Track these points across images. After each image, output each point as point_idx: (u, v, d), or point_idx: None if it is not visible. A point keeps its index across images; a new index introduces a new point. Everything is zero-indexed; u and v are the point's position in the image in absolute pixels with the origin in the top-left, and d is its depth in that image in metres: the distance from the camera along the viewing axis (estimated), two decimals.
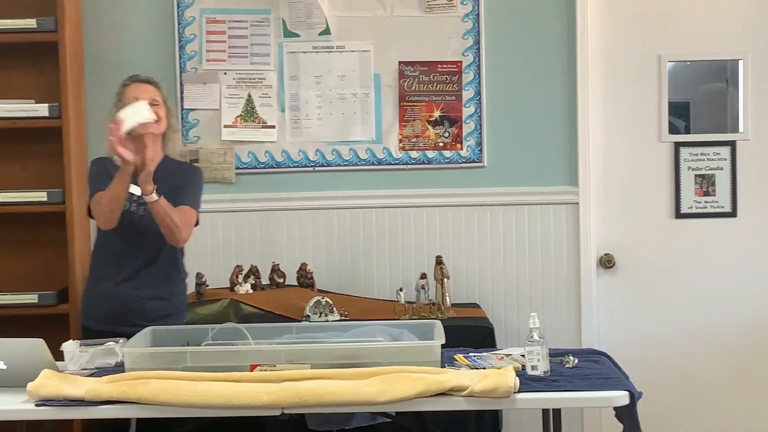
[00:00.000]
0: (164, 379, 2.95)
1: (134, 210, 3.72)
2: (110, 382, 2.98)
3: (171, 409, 2.90)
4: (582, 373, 3.12)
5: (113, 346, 3.32)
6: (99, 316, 3.76)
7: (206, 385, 2.92)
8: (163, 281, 3.82)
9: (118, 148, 3.49)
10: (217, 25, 4.66)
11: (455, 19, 4.63)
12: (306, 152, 4.69)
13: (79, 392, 2.94)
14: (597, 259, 4.69)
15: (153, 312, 3.76)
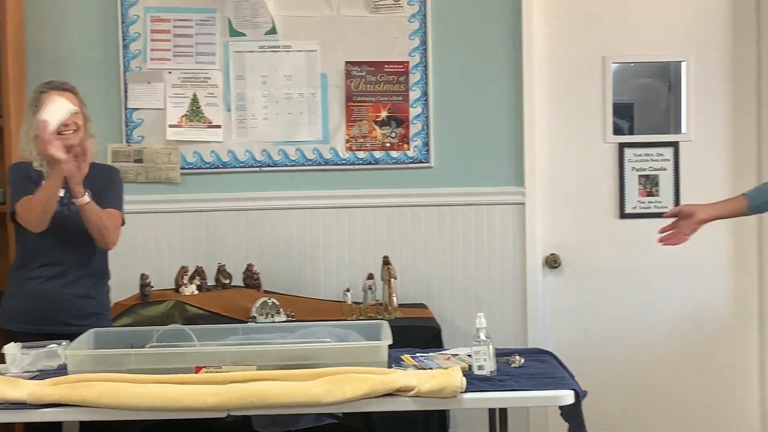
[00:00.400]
0: (108, 382, 2.91)
1: (60, 210, 3.67)
2: (53, 384, 2.94)
3: (115, 412, 2.87)
4: (528, 373, 3.14)
5: (56, 348, 3.28)
6: (24, 317, 3.69)
7: (151, 387, 2.89)
8: (91, 280, 3.79)
9: (49, 148, 3.46)
10: (161, 24, 4.62)
11: (402, 19, 4.63)
12: (252, 152, 4.66)
13: (21, 395, 2.89)
14: (543, 259, 4.72)
15: (82, 310, 3.72)
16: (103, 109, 4.54)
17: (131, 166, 4.59)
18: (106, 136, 4.53)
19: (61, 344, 3.30)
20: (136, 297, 4.30)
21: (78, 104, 3.72)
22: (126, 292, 4.33)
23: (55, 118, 3.51)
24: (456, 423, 4.51)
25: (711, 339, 4.77)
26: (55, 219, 3.63)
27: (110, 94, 4.60)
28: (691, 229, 3.74)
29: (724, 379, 4.79)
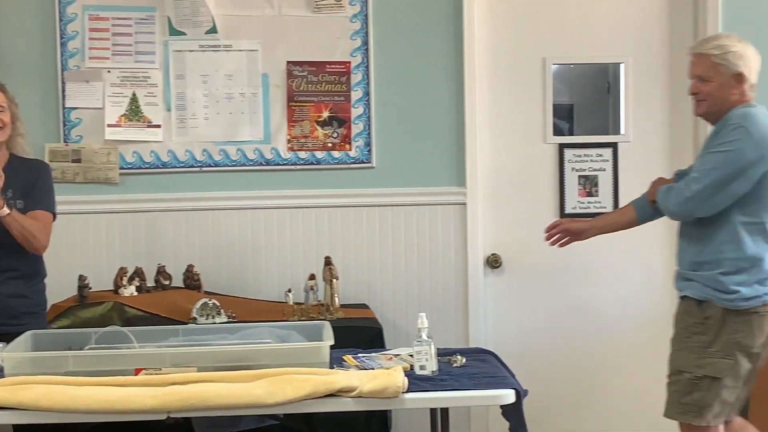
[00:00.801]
0: (46, 385, 2.88)
1: None
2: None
3: (53, 415, 2.84)
4: (469, 372, 3.16)
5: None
6: None
7: (89, 389, 2.86)
8: (23, 280, 3.73)
9: None
10: (100, 23, 4.56)
11: (344, 19, 4.63)
12: (193, 152, 4.63)
13: None
14: (484, 259, 4.75)
15: (14, 310, 3.66)
16: (41, 108, 4.48)
17: (69, 166, 4.53)
18: (43, 135, 4.48)
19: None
20: (74, 298, 4.25)
21: (6, 102, 3.67)
22: (64, 294, 4.28)
23: None
24: (397, 423, 4.52)
25: (649, 339, 4.82)
26: None
27: (48, 93, 4.54)
28: (572, 242, 3.83)
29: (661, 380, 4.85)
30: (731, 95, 3.46)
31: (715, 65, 3.46)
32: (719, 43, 3.48)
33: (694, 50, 3.56)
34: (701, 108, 3.54)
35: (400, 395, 2.91)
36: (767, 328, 3.44)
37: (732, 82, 3.45)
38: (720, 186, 3.36)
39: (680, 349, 3.52)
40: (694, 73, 3.53)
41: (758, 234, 3.42)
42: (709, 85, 3.48)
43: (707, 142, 3.55)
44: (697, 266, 3.49)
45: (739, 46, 3.47)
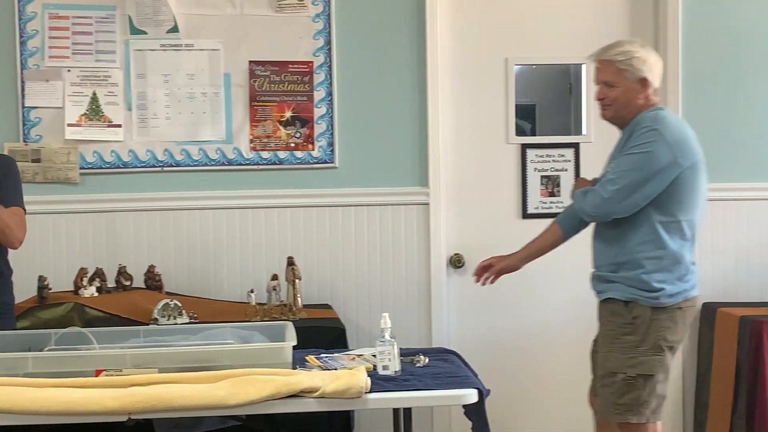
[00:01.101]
0: (5, 386, 2.85)
1: None
2: None
3: (12, 417, 2.82)
4: (432, 372, 3.16)
5: None
6: None
7: (49, 391, 2.83)
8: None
9: None
10: (60, 21, 4.52)
11: (306, 19, 4.62)
12: (154, 152, 4.60)
13: None
14: (447, 259, 4.76)
15: None
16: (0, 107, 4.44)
17: (29, 166, 4.49)
18: (2, 134, 4.45)
19: None
20: (33, 299, 4.21)
21: None
22: (23, 295, 4.23)
23: None
24: (360, 423, 4.52)
25: None
26: None
27: (7, 92, 4.49)
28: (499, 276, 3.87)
29: None
30: (637, 99, 3.54)
31: (620, 71, 3.54)
32: (623, 49, 3.55)
33: (598, 57, 3.63)
34: (608, 112, 3.62)
35: (363, 395, 2.91)
36: (688, 322, 3.57)
37: (637, 86, 3.54)
38: (636, 187, 3.43)
39: (611, 351, 3.55)
40: (600, 79, 3.61)
41: (675, 232, 3.49)
42: (615, 90, 3.56)
43: (619, 145, 3.61)
44: (617, 267, 3.55)
45: (642, 52, 3.56)
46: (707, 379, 4.62)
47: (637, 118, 3.54)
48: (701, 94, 4.78)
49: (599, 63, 3.61)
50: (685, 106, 4.75)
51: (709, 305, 4.72)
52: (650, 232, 3.48)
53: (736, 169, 4.81)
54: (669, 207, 3.48)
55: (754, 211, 4.83)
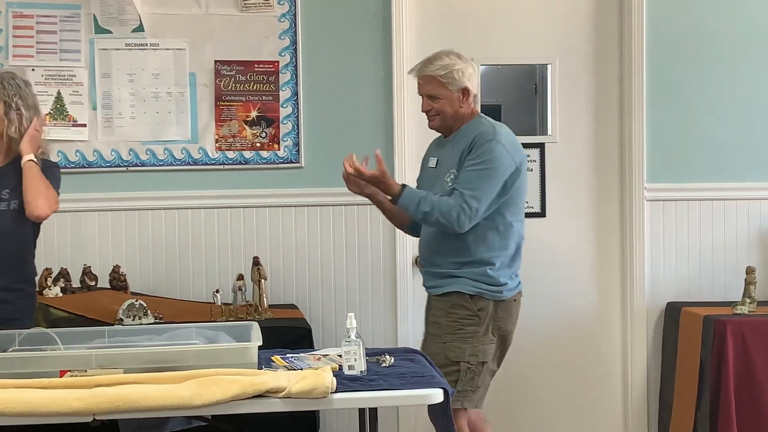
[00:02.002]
0: None
1: None
2: None
3: None
4: (398, 372, 3.16)
5: None
6: None
7: (12, 392, 2.81)
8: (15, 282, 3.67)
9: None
10: (24, 20, 4.50)
11: (272, 18, 4.62)
12: (119, 152, 4.58)
13: None
14: (413, 259, 4.76)
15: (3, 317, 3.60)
16: None
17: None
18: None
19: None
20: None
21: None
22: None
23: None
24: (326, 423, 4.52)
25: (576, 336, 4.90)
26: None
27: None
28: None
29: (590, 374, 4.93)
30: (460, 108, 3.81)
31: (442, 84, 3.78)
32: (443, 63, 3.78)
33: (420, 73, 3.83)
34: (435, 122, 3.87)
35: (329, 395, 2.91)
36: (518, 313, 3.91)
37: (459, 96, 3.79)
38: (492, 198, 3.69)
39: (452, 341, 3.75)
40: (425, 93, 3.83)
41: (513, 232, 3.79)
42: (439, 102, 3.80)
43: (456, 154, 3.75)
44: (461, 264, 3.76)
45: (460, 63, 3.80)
46: (671, 379, 4.66)
47: (470, 127, 3.79)
48: (664, 95, 4.82)
49: (421, 78, 3.83)
50: (649, 107, 4.80)
51: (673, 305, 4.77)
52: (494, 234, 3.75)
53: (700, 170, 4.86)
54: (508, 209, 3.75)
55: (717, 211, 4.88)
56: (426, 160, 4.03)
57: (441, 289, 3.81)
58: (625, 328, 4.90)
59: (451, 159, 3.80)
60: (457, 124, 3.83)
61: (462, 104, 3.80)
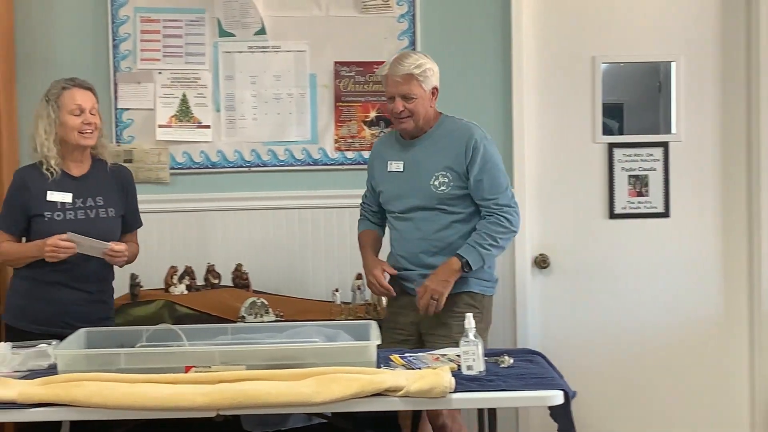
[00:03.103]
0: (98, 381, 2.92)
1: (71, 218, 3.71)
2: (43, 384, 2.94)
3: (105, 412, 2.88)
4: (517, 373, 3.15)
5: (45, 348, 3.28)
6: (36, 318, 3.69)
7: (141, 387, 2.89)
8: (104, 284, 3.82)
9: (61, 256, 3.59)
10: (151, 24, 4.61)
11: (391, 19, 4.63)
12: (241, 152, 4.66)
13: (11, 395, 2.89)
14: (532, 260, 4.73)
15: (92, 315, 3.75)
16: None
17: None
18: None
19: (51, 344, 3.30)
20: (126, 297, 4.30)
21: (96, 103, 3.75)
22: (116, 292, 4.31)
23: (85, 250, 3.63)
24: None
25: (700, 340, 4.79)
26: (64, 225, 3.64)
27: (100, 95, 4.52)
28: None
29: (713, 381, 4.81)
30: (430, 108, 3.79)
31: (419, 82, 3.74)
32: (417, 62, 3.75)
33: (397, 71, 3.75)
34: (408, 124, 3.78)
35: (447, 395, 2.91)
36: None
37: (430, 96, 3.78)
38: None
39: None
40: (399, 93, 3.74)
41: None
42: (413, 102, 3.74)
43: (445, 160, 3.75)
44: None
45: (429, 63, 3.80)
46: None
47: (448, 128, 3.80)
48: None
49: (398, 77, 3.74)
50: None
51: None
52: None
53: None
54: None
55: None
56: (381, 164, 3.92)
57: (455, 288, 3.74)
58: (752, 333, 4.76)
59: (434, 162, 3.76)
60: (425, 125, 3.80)
61: (431, 104, 3.79)
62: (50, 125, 3.68)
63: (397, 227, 3.87)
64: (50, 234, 3.61)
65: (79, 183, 3.75)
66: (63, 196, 3.69)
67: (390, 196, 3.88)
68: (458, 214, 3.77)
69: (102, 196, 3.77)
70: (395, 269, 3.86)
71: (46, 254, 3.59)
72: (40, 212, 3.68)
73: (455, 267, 3.68)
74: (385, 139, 4.03)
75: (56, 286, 3.69)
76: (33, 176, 3.72)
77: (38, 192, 3.69)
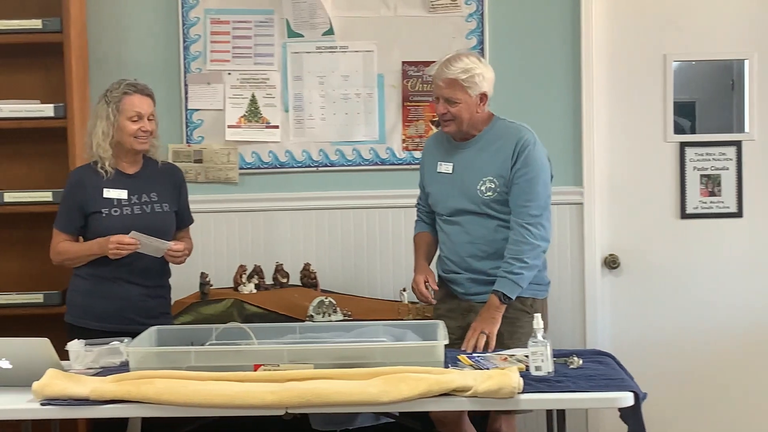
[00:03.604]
0: (168, 379, 2.96)
1: (128, 213, 3.77)
2: (115, 381, 2.98)
3: (175, 409, 2.91)
4: (586, 374, 3.12)
5: (118, 345, 3.33)
6: (98, 316, 3.75)
7: (210, 384, 2.92)
8: (163, 279, 3.88)
9: (123, 253, 3.65)
10: (221, 26, 4.66)
11: (459, 18, 4.62)
12: (309, 152, 4.69)
13: (84, 391, 2.94)
14: (602, 260, 4.68)
15: (153, 310, 3.81)
16: (165, 110, 4.55)
17: (191, 166, 4.64)
18: (167, 136, 4.57)
19: (124, 341, 3.35)
20: (195, 295, 4.34)
21: (153, 109, 3.80)
22: (186, 291, 4.38)
23: (147, 251, 3.69)
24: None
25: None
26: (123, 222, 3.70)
27: (171, 96, 4.65)
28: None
29: None
30: (476, 113, 3.69)
31: (463, 88, 3.64)
32: (464, 66, 3.64)
33: (441, 75, 3.66)
34: (450, 127, 3.71)
35: (516, 396, 2.90)
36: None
37: (477, 101, 3.67)
38: (548, 201, 3.76)
39: (515, 345, 3.60)
40: (442, 96, 3.67)
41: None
42: (456, 106, 3.65)
43: (495, 164, 3.69)
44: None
45: (481, 67, 3.69)
46: None
47: (499, 131, 3.73)
48: None
49: (442, 81, 3.66)
50: None
51: None
52: None
53: None
54: None
55: None
56: (431, 163, 3.86)
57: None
58: None
59: (483, 167, 3.71)
60: (472, 129, 3.72)
61: (479, 109, 3.69)
62: (108, 127, 3.75)
63: (445, 230, 3.81)
64: (108, 230, 3.68)
65: (133, 180, 3.81)
66: (118, 192, 3.76)
67: (438, 198, 3.83)
68: (505, 220, 3.69)
69: (156, 191, 3.83)
70: (444, 272, 3.82)
71: (109, 251, 3.65)
72: (97, 209, 3.75)
73: (496, 303, 3.59)
74: (437, 136, 3.96)
75: (117, 281, 3.75)
76: (88, 175, 3.79)
77: (94, 190, 3.76)
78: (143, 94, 3.79)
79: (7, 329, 4.10)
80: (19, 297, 4.38)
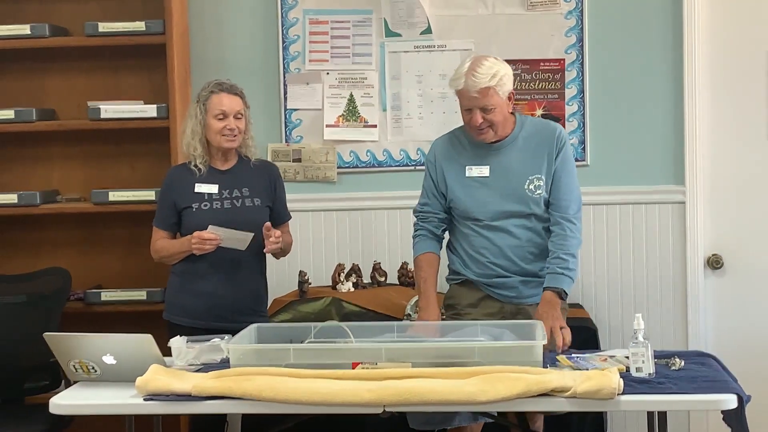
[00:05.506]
0: (268, 376, 2.99)
1: (218, 207, 3.82)
2: (216, 377, 3.03)
3: (275, 405, 2.95)
4: (688, 376, 3.07)
5: (219, 342, 3.38)
6: (194, 313, 3.81)
7: (309, 382, 2.95)
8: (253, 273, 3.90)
9: (206, 249, 3.70)
10: (319, 26, 4.70)
11: (558, 16, 4.58)
12: (407, 151, 4.70)
13: (186, 387, 3.00)
14: (704, 260, 4.60)
15: (248, 308, 3.85)
16: (264, 110, 4.65)
17: (290, 166, 4.69)
18: (266, 136, 4.65)
19: (224, 339, 3.40)
20: (294, 293, 4.39)
21: (243, 108, 3.84)
22: (285, 289, 4.44)
23: (229, 244, 3.73)
24: (613, 425, 4.44)
25: None
26: (214, 217, 3.76)
27: (270, 95, 4.71)
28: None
29: None
30: (507, 113, 3.68)
31: (496, 93, 3.60)
32: (491, 71, 3.60)
33: (473, 87, 3.58)
34: (489, 134, 3.66)
35: (616, 397, 2.87)
36: None
37: (507, 102, 3.65)
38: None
39: None
40: (478, 106, 3.60)
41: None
42: (492, 112, 3.61)
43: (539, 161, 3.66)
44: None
45: (502, 67, 3.66)
46: None
47: (531, 126, 3.72)
48: None
49: (476, 93, 3.59)
50: None
51: None
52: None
53: None
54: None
55: None
56: (454, 168, 3.77)
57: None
58: None
59: (527, 166, 3.66)
60: (503, 130, 3.68)
61: (509, 108, 3.67)
62: (197, 126, 3.81)
63: (486, 235, 3.71)
64: (198, 225, 3.74)
65: (225, 175, 3.86)
66: (209, 187, 3.82)
67: (473, 204, 3.72)
68: (547, 219, 3.67)
69: (248, 187, 3.87)
70: (484, 277, 3.73)
71: (192, 248, 3.72)
72: (188, 204, 3.82)
73: (554, 300, 3.55)
74: (450, 140, 3.87)
75: (205, 278, 3.80)
76: (182, 172, 3.87)
77: (186, 186, 3.83)
78: (230, 93, 3.83)
79: (112, 326, 4.21)
80: (123, 294, 4.49)
